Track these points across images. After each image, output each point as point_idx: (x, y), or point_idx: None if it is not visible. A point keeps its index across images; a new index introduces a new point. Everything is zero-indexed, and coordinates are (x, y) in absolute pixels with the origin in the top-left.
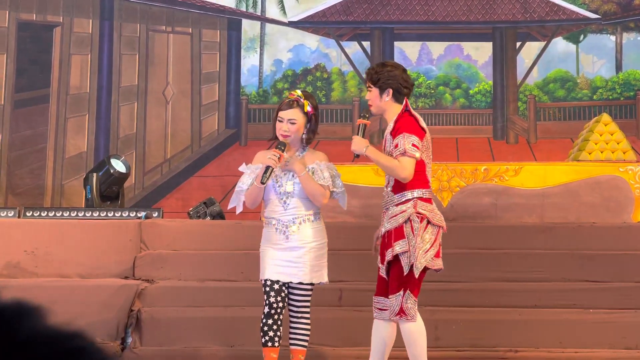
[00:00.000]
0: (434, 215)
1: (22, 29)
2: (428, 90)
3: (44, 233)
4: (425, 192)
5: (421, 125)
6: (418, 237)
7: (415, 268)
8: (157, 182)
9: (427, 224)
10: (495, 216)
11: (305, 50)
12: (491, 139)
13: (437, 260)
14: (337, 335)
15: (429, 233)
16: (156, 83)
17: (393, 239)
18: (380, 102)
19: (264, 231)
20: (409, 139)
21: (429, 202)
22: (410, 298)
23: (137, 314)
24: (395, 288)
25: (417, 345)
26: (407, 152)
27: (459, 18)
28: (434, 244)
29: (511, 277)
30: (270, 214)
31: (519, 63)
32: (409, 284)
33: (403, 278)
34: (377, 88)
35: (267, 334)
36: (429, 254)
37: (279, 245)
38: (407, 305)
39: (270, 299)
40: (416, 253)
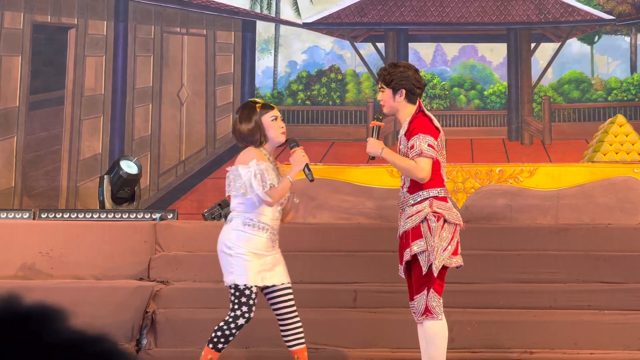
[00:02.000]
0: (450, 213)
1: (37, 31)
2: (442, 91)
3: (59, 235)
4: (441, 191)
5: (435, 125)
6: (435, 236)
7: (434, 266)
8: (172, 183)
9: (444, 222)
10: (510, 217)
11: (319, 51)
12: (506, 140)
13: (455, 258)
14: (351, 336)
15: (446, 231)
16: (171, 85)
17: (411, 239)
18: (394, 103)
19: (248, 236)
20: (425, 139)
21: (444, 200)
22: (435, 297)
23: (152, 315)
24: (417, 288)
25: (436, 346)
26: (423, 153)
27: (473, 19)
28: (451, 242)
29: (526, 279)
30: (265, 219)
31: (534, 64)
32: (431, 283)
33: (423, 278)
34: (390, 89)
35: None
36: (447, 252)
37: (268, 253)
38: (432, 304)
39: (252, 308)
40: (434, 252)
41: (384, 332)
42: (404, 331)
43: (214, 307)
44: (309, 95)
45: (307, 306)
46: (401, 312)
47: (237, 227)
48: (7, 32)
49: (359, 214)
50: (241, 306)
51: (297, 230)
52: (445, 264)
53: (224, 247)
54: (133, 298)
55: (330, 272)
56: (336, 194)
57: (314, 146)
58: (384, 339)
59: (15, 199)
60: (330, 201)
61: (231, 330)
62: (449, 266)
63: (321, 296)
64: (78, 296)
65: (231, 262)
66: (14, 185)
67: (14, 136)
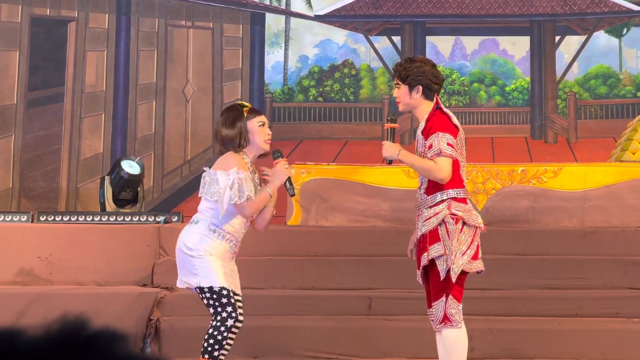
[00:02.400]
0: (470, 215)
1: (36, 25)
2: (462, 87)
3: (59, 238)
4: (460, 191)
5: (454, 122)
6: (454, 240)
7: (452, 272)
8: (177, 184)
9: (463, 225)
10: (533, 220)
11: (332, 45)
12: (529, 139)
13: (475, 263)
14: (366, 345)
15: (465, 234)
16: (175, 81)
17: (428, 243)
18: (410, 100)
19: (210, 241)
20: (444, 137)
21: (463, 202)
22: (454, 303)
23: (156, 323)
24: (435, 295)
25: (455, 355)
26: (442, 152)
27: (494, 11)
28: (471, 246)
29: (550, 285)
30: (231, 230)
31: (558, 58)
32: (449, 289)
33: (441, 284)
34: (406, 85)
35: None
36: (466, 257)
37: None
38: (451, 312)
39: (236, 307)
40: (452, 256)
41: (401, 340)
42: (421, 340)
43: None
44: (322, 91)
45: (320, 314)
46: (418, 320)
47: (201, 230)
48: (4, 25)
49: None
50: (225, 307)
51: (309, 233)
52: (464, 269)
53: (184, 247)
54: (136, 305)
55: (343, 277)
56: (350, 195)
57: (326, 145)
58: (400, 348)
59: (13, 201)
60: (344, 203)
61: (222, 334)
62: (468, 271)
63: (334, 303)
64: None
65: (194, 263)
66: (11, 186)
67: (11, 135)
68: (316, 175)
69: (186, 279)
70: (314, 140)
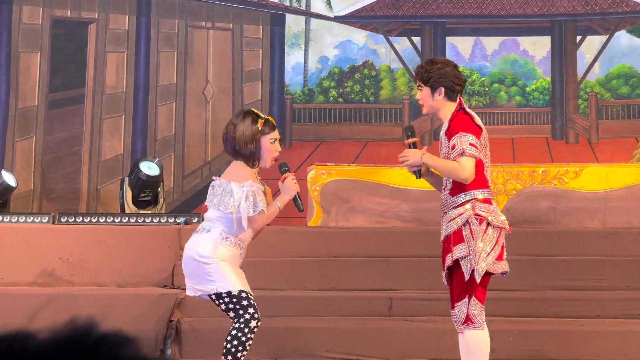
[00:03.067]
0: (495, 216)
1: (56, 26)
2: (482, 88)
3: (80, 239)
4: (485, 192)
5: (477, 123)
6: (478, 240)
7: (476, 273)
8: (197, 186)
9: (487, 225)
10: (554, 221)
11: (352, 46)
12: (550, 139)
13: (499, 264)
14: (387, 347)
15: (489, 235)
16: (195, 82)
17: (452, 244)
18: (433, 102)
19: (223, 249)
20: (466, 138)
21: (488, 202)
22: (477, 305)
23: (177, 324)
24: (459, 296)
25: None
26: (465, 152)
27: (514, 11)
28: (495, 247)
29: (572, 286)
30: (243, 238)
31: (579, 58)
32: (473, 290)
33: (465, 285)
34: (428, 87)
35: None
36: (490, 258)
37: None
38: (474, 312)
39: (256, 308)
40: (476, 257)
41: (422, 342)
42: (442, 341)
43: None
44: (342, 92)
45: (340, 315)
46: (440, 321)
47: (213, 238)
48: (26, 27)
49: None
50: (247, 309)
51: (329, 234)
52: (488, 269)
53: (197, 255)
54: (157, 306)
55: (364, 278)
56: (370, 196)
57: (346, 146)
58: (421, 349)
59: (34, 202)
60: (365, 204)
61: (246, 335)
62: (493, 272)
63: (355, 304)
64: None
65: (208, 270)
66: (32, 187)
67: (32, 136)
68: (336, 176)
69: (200, 286)
70: (334, 141)
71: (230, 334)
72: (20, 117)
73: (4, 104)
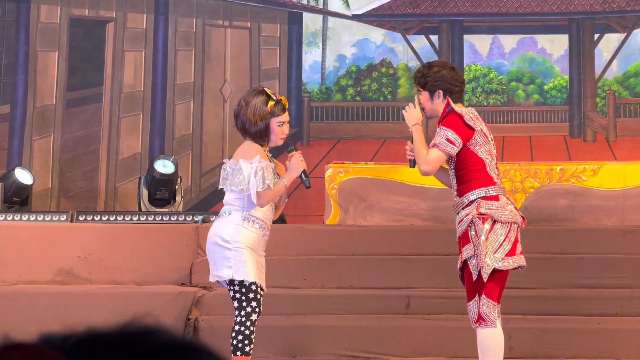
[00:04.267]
0: (502, 212)
1: (74, 25)
2: (499, 86)
3: (97, 238)
4: (490, 189)
5: (466, 122)
6: (482, 239)
7: (483, 271)
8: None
9: (494, 222)
10: (572, 219)
11: (370, 44)
12: (567, 137)
13: (511, 259)
14: (404, 344)
15: (496, 232)
16: (213, 80)
17: (461, 245)
18: (433, 105)
19: (247, 232)
20: (445, 132)
21: (495, 199)
22: (487, 303)
23: (195, 322)
24: (470, 294)
25: (492, 355)
26: (437, 145)
27: (532, 9)
28: (504, 243)
29: (590, 284)
30: (264, 217)
31: (597, 56)
32: (481, 289)
33: (474, 284)
34: (427, 91)
35: (252, 342)
36: (498, 255)
37: (261, 252)
38: (485, 311)
39: (260, 302)
40: (482, 256)
41: (439, 339)
42: (460, 339)
43: None
44: (359, 90)
45: (358, 313)
46: (457, 319)
47: (235, 221)
48: (44, 26)
49: (412, 216)
50: (250, 302)
51: (347, 232)
52: (498, 266)
53: (220, 239)
54: (174, 304)
55: (382, 276)
56: (388, 194)
57: (364, 144)
58: (439, 347)
59: (52, 200)
60: (382, 202)
61: (249, 328)
62: (504, 268)
63: (372, 302)
64: (118, 302)
65: (228, 256)
66: (50, 186)
67: (50, 135)
68: (354, 174)
69: (218, 272)
70: (351, 139)
71: (234, 330)
72: (38, 116)
73: (22, 103)
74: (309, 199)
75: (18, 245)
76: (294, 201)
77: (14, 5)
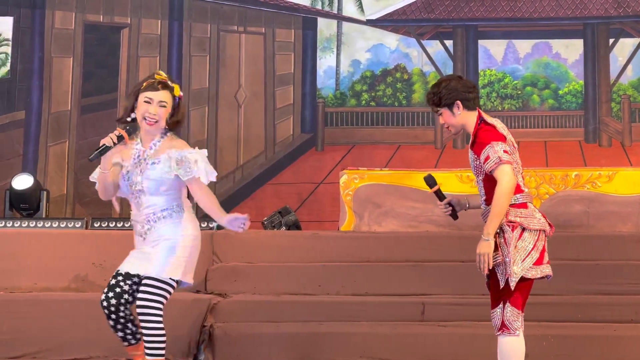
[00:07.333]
0: (531, 220)
1: (89, 31)
2: (514, 91)
3: (113, 244)
4: (518, 197)
5: (500, 131)
6: (511, 247)
7: (510, 280)
8: (230, 190)
9: (523, 230)
10: (587, 225)
11: (384, 50)
12: (582, 142)
13: (538, 268)
14: (419, 352)
15: (524, 241)
16: (228, 86)
17: None
18: (456, 119)
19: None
20: (499, 147)
21: (523, 206)
22: (512, 311)
23: (210, 330)
24: (494, 302)
25: None
26: (502, 160)
27: (547, 14)
28: (532, 251)
29: (605, 290)
30: (132, 216)
31: (612, 61)
32: (507, 296)
33: (500, 291)
34: (445, 107)
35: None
36: (526, 263)
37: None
38: (509, 319)
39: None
40: (510, 264)
41: (454, 346)
42: (475, 346)
43: (274, 321)
44: (374, 96)
45: (373, 319)
46: (472, 326)
47: None
48: (58, 32)
49: (427, 222)
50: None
51: (361, 239)
52: (526, 275)
53: None
54: (190, 311)
55: (397, 283)
56: (403, 200)
57: (379, 149)
58: (454, 354)
59: (67, 206)
60: (397, 208)
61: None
62: (531, 277)
63: (387, 309)
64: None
65: None
66: (65, 192)
67: (65, 141)
68: (369, 181)
69: None
70: (366, 144)
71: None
72: (53, 122)
73: (37, 109)
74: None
75: (33, 252)
76: (308, 207)
77: (29, 11)
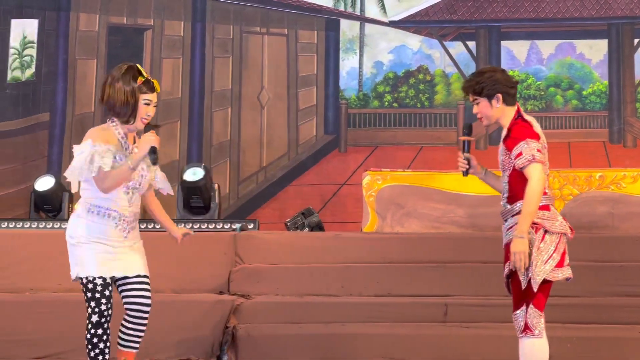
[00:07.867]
0: (553, 222)
1: (113, 33)
2: (538, 92)
3: None
4: (542, 199)
5: (536, 130)
6: (534, 249)
7: (533, 281)
8: (253, 191)
9: (545, 233)
10: (612, 226)
11: (407, 51)
12: (607, 143)
13: (559, 271)
14: (442, 353)
15: (546, 243)
16: (251, 87)
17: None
18: (492, 111)
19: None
20: (533, 144)
21: (546, 209)
22: (535, 313)
23: (233, 330)
24: (517, 304)
25: None
26: (535, 158)
27: (571, 14)
28: (554, 254)
29: (630, 292)
30: (116, 207)
31: (637, 61)
32: (530, 298)
33: (522, 293)
34: (485, 97)
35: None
36: (548, 265)
37: (117, 243)
38: (532, 321)
39: (102, 301)
40: (533, 266)
41: (477, 348)
42: (498, 347)
43: (297, 322)
44: (396, 97)
45: (395, 320)
46: (495, 327)
47: (78, 214)
48: (83, 34)
49: (449, 223)
50: (90, 302)
51: (384, 240)
52: (547, 277)
53: (68, 236)
54: (213, 313)
55: (419, 284)
56: (425, 201)
57: (401, 150)
58: (476, 355)
59: None
60: (420, 209)
61: (90, 332)
62: (552, 280)
63: (410, 310)
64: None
65: (74, 252)
66: None
67: None
68: (392, 182)
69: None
70: (389, 146)
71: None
72: (77, 124)
73: (61, 111)
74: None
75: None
76: (331, 208)
77: (54, 14)
